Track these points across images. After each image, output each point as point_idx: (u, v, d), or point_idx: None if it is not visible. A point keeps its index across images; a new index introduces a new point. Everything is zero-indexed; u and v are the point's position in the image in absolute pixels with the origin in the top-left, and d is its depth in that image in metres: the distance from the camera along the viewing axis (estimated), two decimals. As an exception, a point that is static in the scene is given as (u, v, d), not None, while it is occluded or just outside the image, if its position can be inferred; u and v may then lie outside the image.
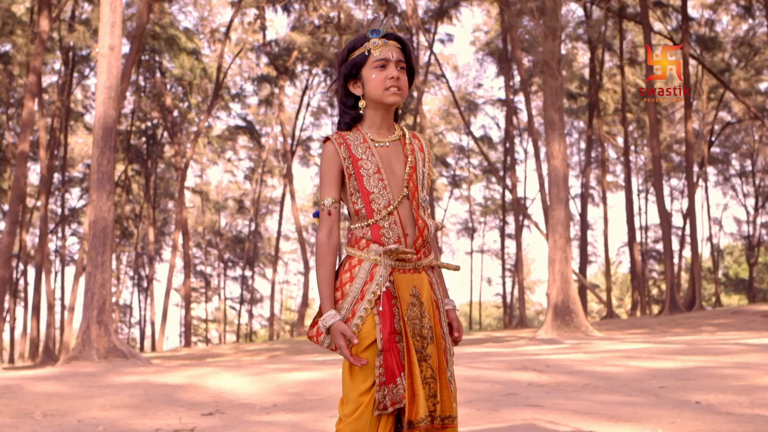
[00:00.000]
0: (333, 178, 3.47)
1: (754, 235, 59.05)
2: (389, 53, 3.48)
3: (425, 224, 3.47)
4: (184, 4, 48.44)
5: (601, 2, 40.96)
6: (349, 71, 3.52)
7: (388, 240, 3.41)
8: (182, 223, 46.25)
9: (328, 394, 9.66)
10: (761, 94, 49.99)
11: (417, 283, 3.44)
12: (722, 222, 65.59)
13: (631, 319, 38.48)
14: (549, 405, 8.03)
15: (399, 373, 3.28)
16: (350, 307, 3.37)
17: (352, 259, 3.46)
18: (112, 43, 15.78)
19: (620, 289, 72.31)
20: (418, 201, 3.49)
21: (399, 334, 3.33)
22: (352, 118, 3.55)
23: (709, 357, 11.80)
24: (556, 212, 23.44)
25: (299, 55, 48.76)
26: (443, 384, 3.39)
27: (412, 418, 3.25)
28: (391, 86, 3.45)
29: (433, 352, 3.39)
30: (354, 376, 3.33)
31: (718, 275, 61.50)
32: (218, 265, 67.10)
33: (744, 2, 45.25)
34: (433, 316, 3.45)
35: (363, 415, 3.28)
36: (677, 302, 35.41)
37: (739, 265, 66.90)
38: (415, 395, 3.25)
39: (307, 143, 58.66)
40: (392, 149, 3.53)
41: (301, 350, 27.36)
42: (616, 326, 30.14)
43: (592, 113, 47.41)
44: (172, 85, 48.55)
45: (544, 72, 23.99)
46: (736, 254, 67.24)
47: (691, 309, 36.02)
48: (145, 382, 11.29)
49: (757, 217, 58.93)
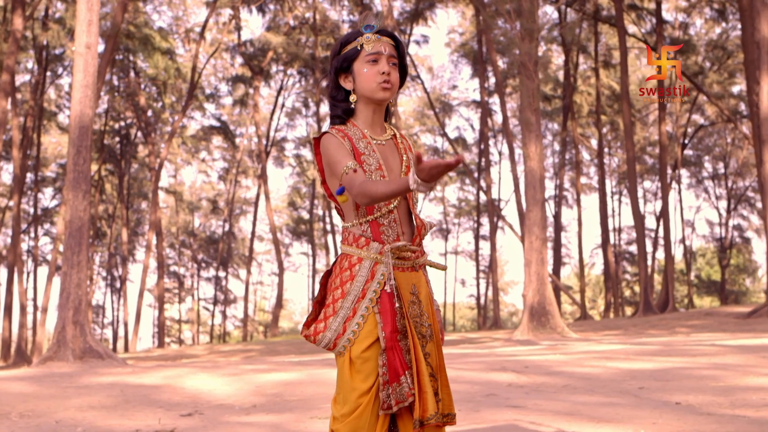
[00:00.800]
0: (345, 152, 3.34)
1: (726, 237, 59.41)
2: (382, 48, 3.45)
3: (422, 223, 3.46)
4: (158, 4, 48.22)
5: (576, 4, 41.13)
6: (341, 65, 3.49)
7: (388, 238, 3.39)
8: (156, 223, 46.04)
9: (307, 395, 9.62)
10: (734, 97, 50.28)
11: (416, 282, 3.43)
12: (695, 224, 66.10)
13: (605, 321, 38.63)
14: (530, 406, 8.03)
15: (403, 371, 3.25)
16: (351, 306, 3.34)
17: (351, 257, 3.41)
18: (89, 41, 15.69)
19: (593, 291, 72.55)
20: (414, 200, 3.48)
21: (401, 333, 3.30)
22: (344, 110, 3.50)
23: (687, 358, 11.85)
24: (533, 213, 23.48)
25: (274, 55, 48.67)
26: (443, 382, 3.39)
27: (421, 416, 3.22)
28: (382, 81, 3.42)
29: (432, 350, 3.38)
30: (354, 375, 3.29)
31: (691, 277, 61.82)
32: (192, 265, 66.86)
33: (718, 6, 45.51)
34: (431, 315, 3.45)
35: (362, 415, 3.25)
36: (651, 304, 35.57)
37: (712, 267, 67.29)
38: (424, 392, 3.24)
39: (281, 144, 58.62)
40: (388, 147, 3.51)
41: (276, 351, 27.32)
42: (590, 327, 30.23)
43: (567, 115, 47.54)
44: (146, 85, 48.36)
45: (520, 73, 24.03)
46: (709, 256, 67.63)
47: (664, 310, 36.18)
48: (122, 382, 11.21)
49: (729, 219, 59.29)
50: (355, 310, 3.34)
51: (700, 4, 46.75)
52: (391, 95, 3.48)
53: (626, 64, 37.39)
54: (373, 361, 3.28)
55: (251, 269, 59.51)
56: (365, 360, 3.29)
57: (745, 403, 7.78)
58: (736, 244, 61.17)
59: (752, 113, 29.82)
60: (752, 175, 56.07)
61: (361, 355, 3.29)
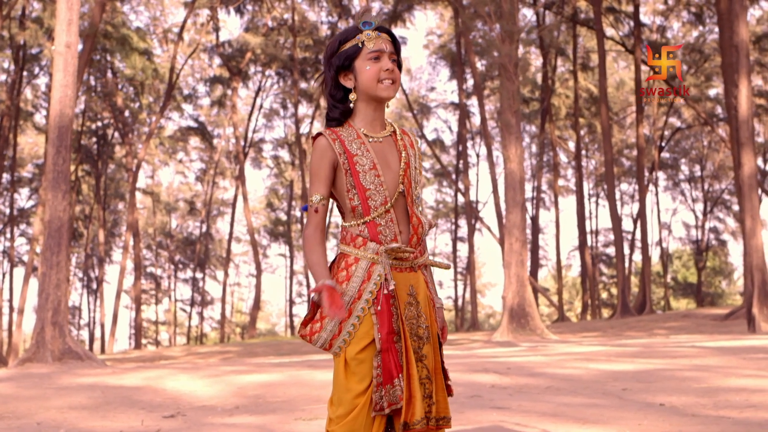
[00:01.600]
0: (323, 174, 3.39)
1: (702, 239, 59.73)
2: (383, 45, 3.42)
3: (419, 221, 3.42)
4: (136, 4, 48.01)
5: (555, 7, 41.23)
6: (342, 63, 3.44)
7: (386, 238, 3.35)
8: (133, 224, 45.86)
9: (290, 396, 9.59)
10: (711, 100, 50.56)
11: (414, 282, 3.40)
12: (671, 226, 66.36)
13: (583, 323, 38.77)
14: (514, 407, 8.02)
15: (397, 374, 3.21)
16: (347, 307, 3.30)
17: (347, 257, 3.38)
18: (69, 40, 15.60)
19: (570, 293, 72.76)
20: (413, 198, 3.45)
21: (397, 335, 3.27)
22: (342, 113, 3.47)
23: (668, 360, 11.89)
24: (512, 215, 23.52)
25: (252, 56, 48.59)
26: (439, 385, 3.36)
27: (408, 419, 3.20)
28: (386, 78, 3.40)
29: (429, 352, 3.35)
30: (350, 376, 3.26)
31: (667, 279, 62.10)
32: (169, 266, 66.64)
33: (695, 9, 45.76)
34: (429, 316, 3.42)
35: (358, 417, 3.22)
36: (628, 306, 35.74)
37: (688, 269, 67.62)
38: (412, 397, 3.20)
39: (259, 145, 58.50)
40: (386, 145, 3.46)
41: (254, 353, 27.25)
42: (568, 329, 30.33)
43: (545, 118, 47.65)
44: (123, 85, 48.11)
45: (501, 75, 24.07)
46: (685, 258, 67.95)
47: (641, 312, 36.36)
48: (102, 383, 11.14)
49: (705, 221, 59.62)
50: (351, 311, 3.29)
51: (678, 7, 47.00)
52: (394, 93, 3.46)
53: (605, 66, 37.55)
54: (368, 363, 3.25)
55: (228, 270, 59.39)
56: (360, 361, 3.25)
57: (729, 404, 7.80)
58: (712, 246, 61.51)
59: (730, 116, 30.01)
60: (728, 177, 56.42)
61: (357, 357, 3.25)
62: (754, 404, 7.71)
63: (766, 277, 21.34)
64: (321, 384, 10.15)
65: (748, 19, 26.52)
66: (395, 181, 3.40)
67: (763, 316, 20.84)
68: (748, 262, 21.84)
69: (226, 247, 57.87)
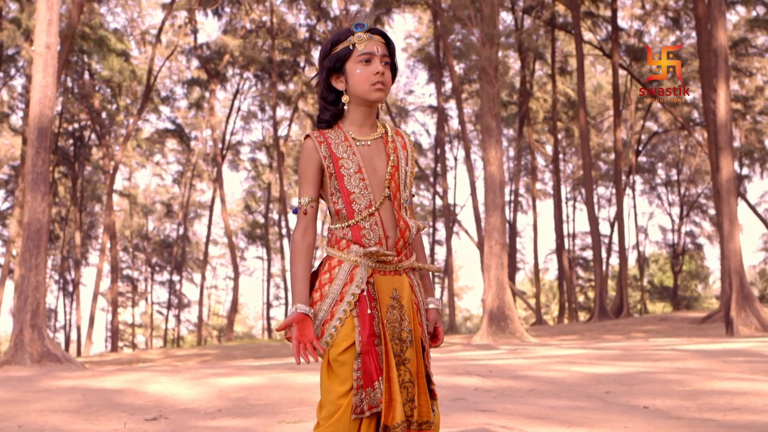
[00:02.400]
0: (311, 177, 3.40)
1: (678, 243, 60.00)
2: (374, 47, 3.40)
3: (407, 225, 3.40)
4: (113, 5, 47.81)
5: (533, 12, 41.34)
6: (333, 65, 3.43)
7: (369, 241, 3.35)
8: (110, 226, 45.63)
9: (273, 399, 9.54)
10: (688, 104, 50.79)
11: (397, 286, 3.38)
12: (648, 230, 66.67)
13: (560, 326, 38.85)
14: (499, 410, 8.02)
15: (377, 376, 3.23)
16: (329, 309, 3.31)
17: (331, 259, 3.39)
18: (49, 41, 15.51)
19: (546, 296, 72.92)
20: (400, 201, 3.42)
21: (378, 337, 3.27)
22: (333, 115, 3.46)
23: (649, 363, 11.91)
24: (492, 218, 23.54)
25: (230, 58, 48.48)
26: (421, 389, 3.34)
27: (388, 423, 3.20)
28: (377, 81, 3.38)
29: (412, 355, 3.33)
30: (332, 378, 3.27)
31: (644, 283, 62.36)
32: (145, 269, 66.38)
33: (672, 14, 46.01)
34: (413, 320, 3.39)
35: (342, 419, 3.22)
36: (606, 309, 35.83)
37: (664, 272, 67.85)
38: (392, 400, 3.20)
39: (237, 147, 58.37)
40: (374, 148, 3.45)
41: (232, 355, 27.15)
42: (546, 332, 30.39)
43: (523, 121, 47.77)
44: (100, 87, 47.89)
45: (481, 79, 24.10)
46: (661, 262, 68.19)
47: (619, 315, 36.46)
48: (83, 386, 11.06)
49: (681, 225, 59.90)
50: (332, 313, 3.31)
51: (655, 12, 47.23)
52: (385, 96, 3.45)
53: (583, 70, 37.66)
54: (350, 365, 3.25)
55: (206, 273, 59.22)
56: (342, 363, 3.25)
57: (712, 407, 7.82)
58: (688, 250, 61.79)
59: (708, 120, 30.12)
60: (704, 182, 56.73)
61: (338, 358, 3.25)
62: (738, 407, 7.73)
63: (744, 280, 21.45)
64: (303, 387, 10.12)
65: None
66: (381, 185, 3.39)
67: (741, 320, 20.94)
68: (726, 265, 21.94)
69: (204, 250, 57.69)
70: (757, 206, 53.40)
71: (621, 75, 44.52)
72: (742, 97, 49.12)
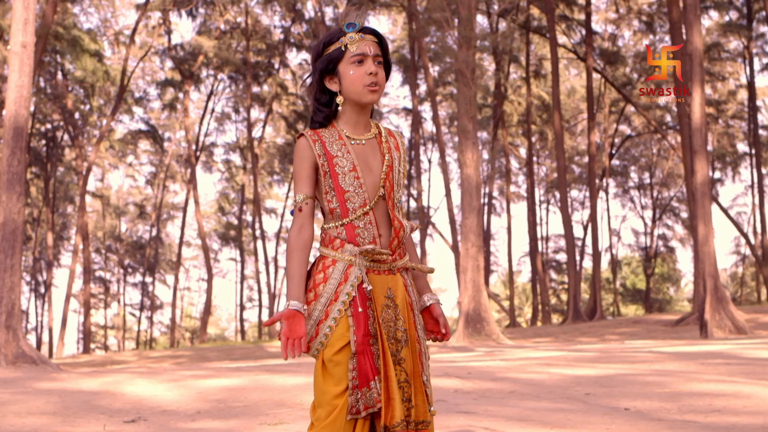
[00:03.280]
0: (306, 174, 3.37)
1: (651, 246, 60.30)
2: (367, 48, 3.38)
3: (401, 225, 3.40)
4: (87, 5, 47.54)
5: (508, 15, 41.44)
6: (326, 66, 3.40)
7: (363, 240, 3.33)
8: (83, 227, 45.35)
9: (252, 401, 9.51)
10: (661, 108, 51.08)
11: (392, 285, 3.37)
12: (620, 233, 66.95)
13: (534, 328, 38.95)
14: (481, 411, 8.01)
15: (373, 376, 3.22)
16: (323, 309, 3.29)
17: (325, 259, 3.36)
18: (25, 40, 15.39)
19: (519, 299, 73.12)
20: (394, 201, 3.42)
21: (373, 337, 3.26)
22: (326, 116, 3.44)
23: (627, 365, 11.95)
24: (469, 221, 23.56)
25: (205, 59, 48.32)
26: (417, 388, 3.32)
27: (387, 422, 3.18)
28: (370, 82, 3.36)
29: (407, 355, 3.32)
30: (327, 379, 3.25)
31: (617, 285, 62.64)
32: (118, 270, 66.04)
33: (646, 18, 46.27)
34: (408, 319, 3.38)
35: (337, 420, 3.20)
36: (580, 311, 35.97)
37: (637, 275, 68.22)
38: (391, 399, 3.19)
39: (210, 149, 58.16)
40: (368, 147, 3.44)
41: (206, 357, 27.08)
42: (520, 335, 30.45)
43: (497, 124, 47.87)
44: (73, 88, 47.60)
45: (458, 81, 24.12)
46: (634, 265, 68.55)
47: (592, 318, 36.63)
48: (60, 388, 10.99)
49: (654, 228, 60.21)
50: (327, 313, 3.28)
51: (629, 16, 47.47)
52: (379, 97, 3.43)
53: (557, 74, 37.81)
54: (345, 365, 3.24)
55: (179, 275, 59.00)
56: (337, 363, 3.24)
57: (693, 408, 7.85)
58: (660, 253, 62.13)
59: (682, 124, 30.33)
60: (677, 185, 57.07)
61: (333, 359, 3.24)
62: (718, 409, 7.77)
63: (718, 283, 21.56)
64: (283, 388, 10.09)
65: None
66: (376, 184, 3.38)
67: (715, 322, 21.04)
68: (701, 268, 22.04)
69: (177, 251, 57.46)
70: (729, 209, 53.73)
71: (595, 78, 44.73)
72: (715, 101, 49.46)
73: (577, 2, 43.14)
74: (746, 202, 58.24)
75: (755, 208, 51.23)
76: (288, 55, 52.65)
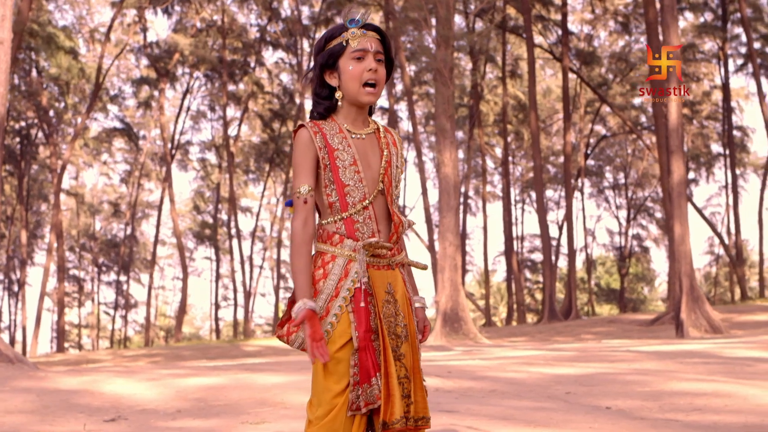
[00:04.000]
0: (308, 166, 3.33)
1: (625, 246, 60.51)
2: (368, 44, 3.37)
3: (400, 220, 3.38)
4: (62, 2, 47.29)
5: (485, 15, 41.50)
6: (326, 61, 3.39)
7: (363, 235, 3.31)
8: (57, 225, 45.08)
9: (233, 400, 9.48)
10: (636, 108, 51.31)
11: (391, 280, 3.36)
12: (595, 233, 67.13)
13: (510, 327, 39.01)
14: (463, 410, 8.02)
15: (374, 372, 3.19)
16: (324, 305, 3.26)
17: (324, 255, 3.33)
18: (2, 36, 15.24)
19: (494, 298, 73.25)
20: (393, 196, 3.41)
21: (374, 333, 3.24)
22: (326, 108, 3.42)
23: (606, 364, 11.99)
24: (446, 219, 23.57)
25: (180, 57, 48.12)
26: (417, 384, 3.31)
27: (387, 419, 3.16)
28: (369, 78, 3.35)
29: (407, 351, 3.30)
30: (328, 376, 3.21)
31: (591, 285, 62.85)
32: (92, 269, 65.69)
33: (621, 19, 46.45)
34: (407, 314, 3.37)
35: (337, 418, 3.18)
36: (556, 311, 36.05)
37: (611, 275, 68.50)
38: (391, 395, 3.17)
39: (186, 147, 57.94)
40: (368, 142, 3.42)
41: (182, 356, 26.98)
42: (497, 334, 30.49)
43: (473, 124, 47.93)
44: (48, 85, 47.32)
45: (436, 80, 24.12)
46: (608, 265, 68.83)
47: (568, 317, 36.74)
48: (38, 387, 10.91)
49: (628, 228, 60.42)
50: (328, 309, 3.26)
51: (605, 16, 47.64)
52: (376, 97, 3.42)
53: (534, 74, 37.89)
54: (346, 362, 3.21)
55: (153, 273, 58.73)
56: (338, 361, 3.21)
57: (674, 407, 7.88)
58: (634, 253, 62.36)
59: (658, 124, 30.42)
60: (651, 185, 57.31)
61: (335, 356, 3.21)
62: (699, 407, 7.81)
63: (694, 282, 21.67)
64: (263, 387, 10.06)
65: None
66: (375, 179, 3.37)
67: (691, 322, 21.15)
68: (677, 268, 22.14)
69: (152, 250, 57.22)
70: (703, 210, 54.04)
71: (571, 78, 44.83)
72: (690, 102, 49.70)
73: (553, 2, 43.27)
74: (720, 203, 58.50)
75: (729, 209, 51.50)
76: (264, 54, 52.54)
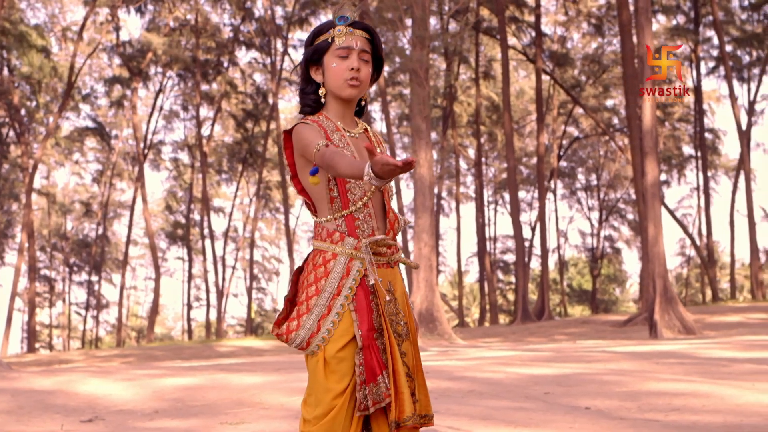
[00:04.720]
0: (319, 136, 3.25)
1: (597, 247, 60.79)
2: (353, 42, 3.36)
3: (396, 217, 3.38)
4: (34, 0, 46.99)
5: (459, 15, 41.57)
6: (311, 57, 3.39)
7: (363, 233, 3.30)
8: (29, 225, 44.77)
9: (210, 400, 9.43)
10: (608, 110, 51.57)
11: (391, 279, 3.36)
12: (567, 234, 67.41)
13: (483, 328, 39.11)
14: (443, 410, 8.00)
15: (380, 371, 3.17)
16: (326, 303, 3.25)
17: (324, 253, 3.31)
18: (-24, 34, 15.21)
19: (467, 299, 73.40)
20: (389, 193, 3.41)
21: (378, 331, 3.22)
22: (314, 101, 3.41)
23: (582, 364, 12.01)
24: (422, 220, 23.59)
25: (153, 57, 47.92)
26: (420, 382, 3.32)
27: (397, 417, 3.15)
28: (350, 78, 3.33)
29: (408, 349, 3.31)
30: (329, 376, 3.19)
31: (564, 286, 63.09)
32: (63, 269, 65.31)
33: (595, 21, 46.65)
34: (407, 313, 3.38)
35: (336, 418, 3.16)
36: (529, 311, 36.15)
37: (583, 276, 68.78)
38: (400, 393, 3.16)
39: (158, 147, 57.69)
40: (361, 141, 3.43)
41: (154, 357, 26.86)
42: (470, 335, 30.54)
43: (447, 124, 48.01)
44: (19, 83, 47.01)
45: (411, 81, 24.14)
46: (580, 266, 69.11)
47: (541, 318, 36.85)
48: (11, 387, 10.81)
49: (600, 230, 60.70)
50: (329, 308, 3.24)
51: (578, 18, 47.84)
52: (359, 93, 3.40)
53: (508, 75, 37.98)
54: (348, 361, 3.20)
55: (125, 273, 58.46)
56: (341, 360, 3.20)
57: (653, 407, 7.90)
58: (606, 254, 62.64)
59: (632, 126, 30.58)
60: (623, 187, 57.58)
61: (336, 355, 3.19)
62: (678, 407, 7.83)
63: (667, 283, 21.79)
64: (241, 387, 10.02)
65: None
66: None
67: (664, 323, 21.26)
68: (651, 269, 22.24)
69: (124, 250, 56.94)
70: (675, 211, 54.36)
71: (544, 80, 44.98)
72: (662, 104, 49.95)
73: (527, 4, 43.40)
74: (692, 204, 58.89)
75: (701, 210, 51.90)
76: (237, 54, 52.42)
